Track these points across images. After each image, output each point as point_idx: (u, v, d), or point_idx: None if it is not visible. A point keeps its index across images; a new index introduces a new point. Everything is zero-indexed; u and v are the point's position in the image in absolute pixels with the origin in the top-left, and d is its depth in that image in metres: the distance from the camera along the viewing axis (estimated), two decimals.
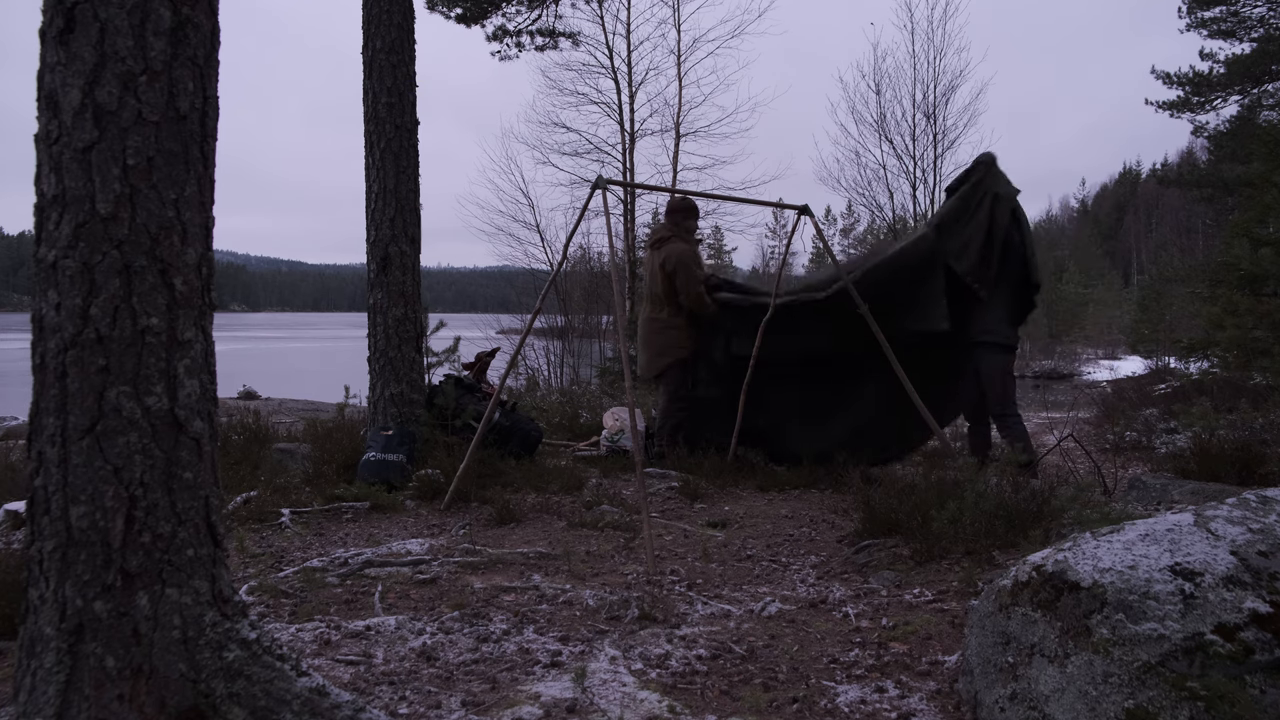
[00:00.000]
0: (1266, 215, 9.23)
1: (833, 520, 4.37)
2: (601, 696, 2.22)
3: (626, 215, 18.22)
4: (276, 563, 3.59)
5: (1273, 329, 8.05)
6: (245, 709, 1.74)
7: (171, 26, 1.75)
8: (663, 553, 3.78)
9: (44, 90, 1.72)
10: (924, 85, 18.12)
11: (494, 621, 2.80)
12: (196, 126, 1.80)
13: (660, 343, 5.82)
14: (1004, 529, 3.30)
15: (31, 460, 1.72)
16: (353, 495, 4.67)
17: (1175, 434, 6.50)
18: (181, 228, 1.77)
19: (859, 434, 5.40)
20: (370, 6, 5.59)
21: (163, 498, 1.73)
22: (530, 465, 5.51)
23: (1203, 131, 19.84)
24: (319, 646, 2.58)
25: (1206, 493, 4.03)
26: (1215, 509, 2.06)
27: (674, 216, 6.19)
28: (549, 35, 15.25)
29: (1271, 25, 18.34)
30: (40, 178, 1.73)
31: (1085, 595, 1.85)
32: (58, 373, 1.68)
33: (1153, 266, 41.15)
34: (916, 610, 2.88)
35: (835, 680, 2.33)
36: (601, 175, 4.51)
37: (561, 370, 18.41)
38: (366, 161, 5.65)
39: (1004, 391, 5.11)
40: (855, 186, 19.35)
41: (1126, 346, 32.06)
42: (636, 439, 4.33)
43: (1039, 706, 1.83)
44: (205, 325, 1.83)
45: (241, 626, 1.82)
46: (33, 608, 1.71)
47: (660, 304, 5.83)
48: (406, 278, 5.61)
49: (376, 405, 5.55)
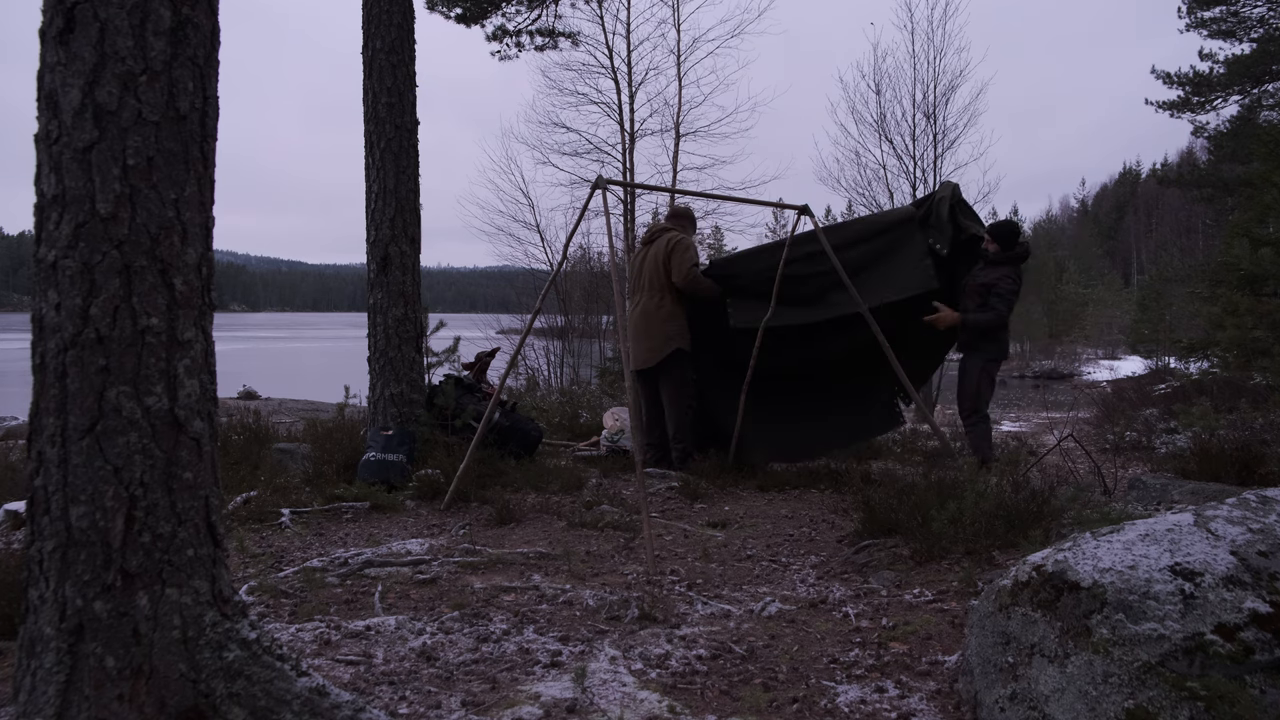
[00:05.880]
0: (1266, 215, 9.24)
1: (833, 520, 4.37)
2: (601, 696, 2.22)
3: (626, 215, 18.22)
4: (276, 563, 3.59)
5: (1273, 329, 8.05)
6: (245, 709, 1.74)
7: (171, 26, 1.75)
8: (663, 553, 3.78)
9: (44, 90, 1.72)
10: (924, 85, 18.09)
11: (494, 621, 2.80)
12: (196, 126, 1.80)
13: (661, 332, 5.76)
14: (1004, 529, 3.30)
15: (31, 460, 1.72)
16: (353, 495, 4.67)
17: (1175, 434, 6.50)
18: (181, 228, 1.77)
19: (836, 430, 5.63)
20: (370, 6, 5.59)
21: (163, 498, 1.72)
22: (530, 465, 5.51)
23: (1203, 131, 19.84)
24: (319, 646, 2.58)
25: (1206, 493, 4.03)
26: (1215, 509, 2.06)
27: (676, 218, 6.20)
28: (549, 35, 15.23)
29: (1271, 25, 18.34)
30: (40, 178, 1.73)
31: (1085, 595, 1.85)
32: (58, 373, 1.68)
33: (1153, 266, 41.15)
34: (916, 610, 2.88)
35: (835, 680, 2.33)
36: (601, 175, 4.51)
37: (561, 370, 18.41)
38: (366, 161, 5.65)
39: (980, 393, 5.29)
40: (855, 186, 19.31)
41: (1126, 346, 32.07)
42: (636, 439, 4.33)
43: (1039, 706, 1.83)
44: (205, 325, 1.83)
45: (241, 626, 1.82)
46: (33, 608, 1.71)
47: (660, 294, 5.78)
48: (406, 278, 5.61)
49: (376, 405, 5.55)
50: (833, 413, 5.72)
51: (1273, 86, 18.65)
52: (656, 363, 5.76)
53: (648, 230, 6.29)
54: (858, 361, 5.48)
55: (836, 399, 5.70)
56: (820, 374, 5.70)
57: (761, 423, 5.69)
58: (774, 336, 5.49)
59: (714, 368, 5.93)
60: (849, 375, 5.63)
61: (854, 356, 5.49)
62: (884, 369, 5.05)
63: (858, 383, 5.64)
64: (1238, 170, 17.22)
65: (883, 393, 5.50)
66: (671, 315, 5.75)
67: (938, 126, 17.57)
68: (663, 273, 5.74)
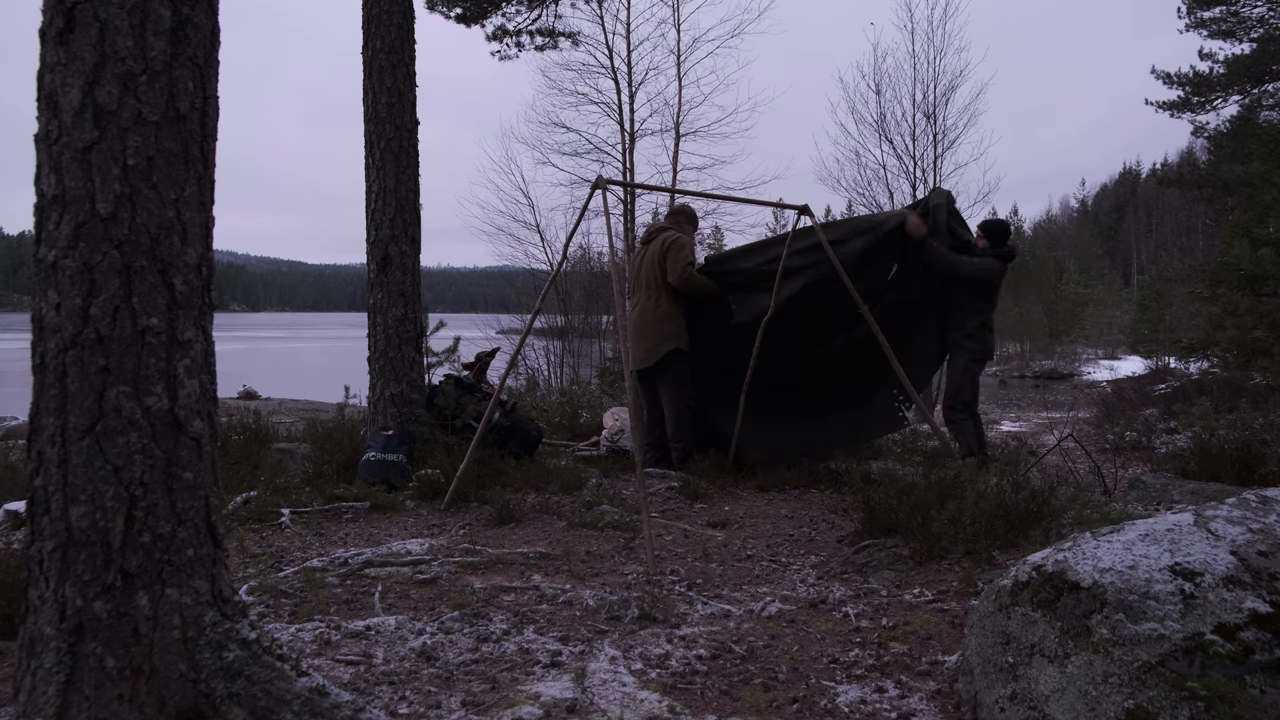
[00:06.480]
0: (1266, 215, 9.24)
1: (833, 520, 4.37)
2: (601, 696, 2.22)
3: (626, 215, 18.22)
4: (276, 563, 3.59)
5: (1273, 329, 8.05)
6: (245, 709, 1.74)
7: (171, 26, 1.75)
8: (663, 553, 3.78)
9: (44, 90, 1.72)
10: (924, 85, 18.09)
11: (494, 621, 2.80)
12: (196, 126, 1.80)
13: (658, 332, 5.76)
14: (1004, 529, 3.30)
15: (31, 460, 1.72)
16: (353, 495, 4.67)
17: (1175, 434, 6.50)
18: (181, 228, 1.77)
19: (836, 431, 5.67)
20: (370, 6, 5.59)
21: (163, 498, 1.73)
22: (530, 465, 5.50)
23: (1203, 131, 19.84)
24: (319, 646, 2.58)
25: (1206, 493, 4.03)
26: (1215, 509, 2.06)
27: (676, 217, 6.19)
28: (549, 35, 15.24)
29: (1271, 25, 18.34)
30: (40, 178, 1.73)
31: (1085, 595, 1.85)
32: (58, 373, 1.68)
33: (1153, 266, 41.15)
34: (916, 610, 2.88)
35: (835, 680, 2.33)
36: (601, 175, 4.51)
37: (561, 370, 18.41)
38: (366, 161, 5.65)
39: (960, 390, 5.44)
40: (855, 186, 19.31)
41: (1126, 346, 32.08)
42: (637, 439, 4.32)
43: (1039, 706, 1.83)
44: (205, 325, 1.83)
45: (241, 626, 1.82)
46: (33, 608, 1.71)
47: (657, 294, 5.78)
48: (406, 278, 5.61)
49: (376, 405, 5.55)
50: (833, 413, 5.72)
51: (1273, 86, 18.65)
52: (654, 363, 5.76)
53: (647, 230, 6.28)
54: (858, 362, 5.49)
55: (837, 400, 5.71)
56: (820, 374, 5.70)
57: (761, 423, 5.69)
58: (774, 336, 5.49)
59: (713, 367, 5.93)
60: (849, 376, 5.64)
61: (854, 357, 5.50)
62: (884, 370, 5.06)
63: (858, 383, 5.66)
64: (1238, 170, 17.22)
65: (883, 395, 5.51)
66: (668, 315, 5.75)
67: (938, 126, 17.58)
68: (659, 273, 5.74)
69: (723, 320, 5.79)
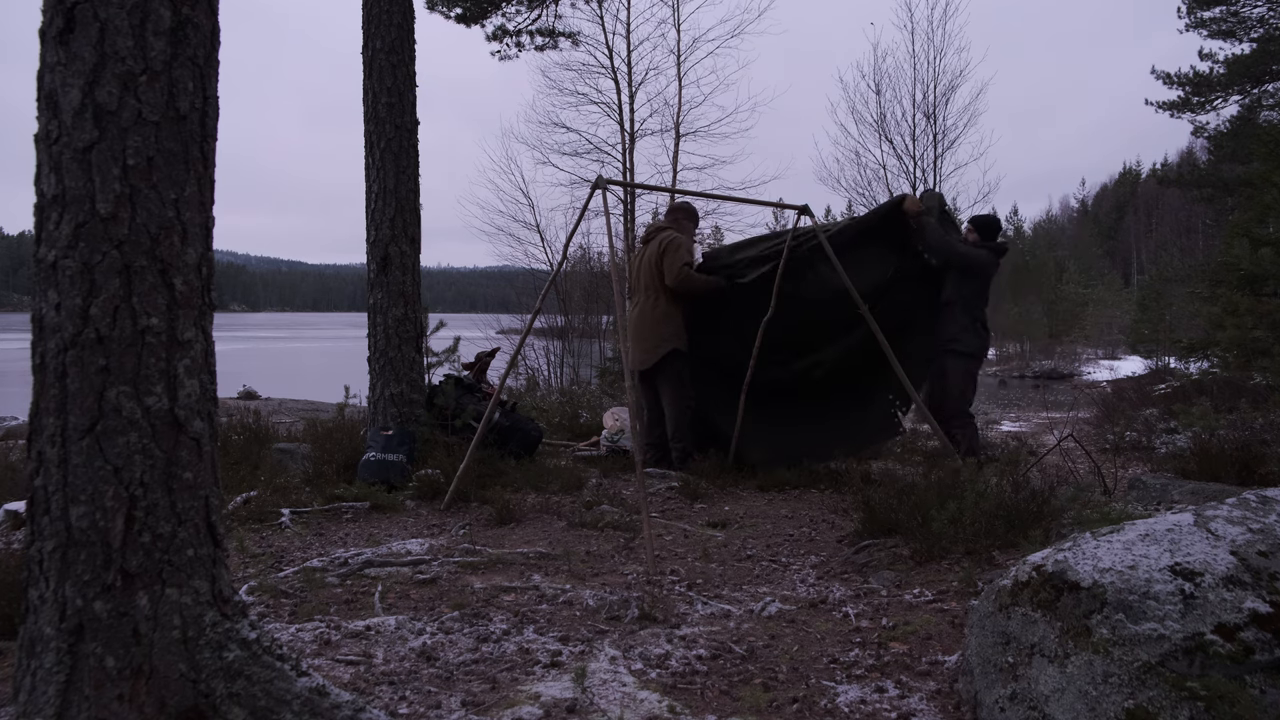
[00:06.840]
0: (1266, 215, 9.24)
1: (833, 520, 4.37)
2: (601, 696, 2.22)
3: (626, 215, 18.22)
4: (276, 563, 3.59)
5: (1273, 329, 8.05)
6: (245, 709, 1.74)
7: (171, 26, 1.75)
8: (663, 553, 3.78)
9: (44, 90, 1.72)
10: (924, 85, 18.13)
11: (494, 621, 2.80)
12: (196, 126, 1.80)
13: (657, 333, 5.76)
14: (1004, 529, 3.30)
15: (31, 460, 1.72)
16: (353, 495, 4.67)
17: (1175, 434, 6.50)
18: (181, 228, 1.77)
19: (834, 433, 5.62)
20: (370, 6, 5.59)
21: (163, 498, 1.73)
22: (530, 465, 5.50)
23: (1203, 131, 19.85)
24: (319, 646, 2.58)
25: (1206, 493, 4.03)
26: (1215, 509, 2.06)
27: (675, 214, 6.19)
28: (549, 35, 15.24)
29: (1271, 25, 18.34)
30: (40, 178, 1.73)
31: (1085, 595, 1.85)
32: (58, 373, 1.68)
33: (1153, 266, 41.11)
34: (916, 610, 2.88)
35: (835, 680, 2.33)
36: (601, 175, 4.51)
37: (561, 370, 18.40)
38: (366, 161, 5.65)
39: (961, 396, 5.44)
40: (855, 186, 19.36)
41: (1126, 346, 32.06)
42: (637, 439, 4.32)
43: (1039, 706, 1.83)
44: (205, 325, 1.83)
45: (241, 626, 1.82)
46: (33, 608, 1.71)
47: (656, 295, 5.78)
48: (406, 278, 5.61)
49: (376, 405, 5.55)
50: (831, 415, 5.72)
51: (1273, 86, 18.66)
52: (653, 364, 5.76)
53: (646, 229, 6.28)
54: (857, 362, 5.49)
55: (836, 401, 5.71)
56: (820, 375, 5.70)
57: (761, 423, 5.69)
58: (773, 336, 5.50)
59: (713, 368, 5.93)
60: (849, 376, 5.64)
61: (853, 357, 5.50)
62: (883, 371, 5.06)
63: (857, 385, 5.65)
64: (1238, 170, 17.22)
65: (882, 397, 5.48)
66: (667, 316, 5.75)
67: (938, 126, 17.61)
68: (657, 274, 5.74)
69: (722, 320, 5.79)
